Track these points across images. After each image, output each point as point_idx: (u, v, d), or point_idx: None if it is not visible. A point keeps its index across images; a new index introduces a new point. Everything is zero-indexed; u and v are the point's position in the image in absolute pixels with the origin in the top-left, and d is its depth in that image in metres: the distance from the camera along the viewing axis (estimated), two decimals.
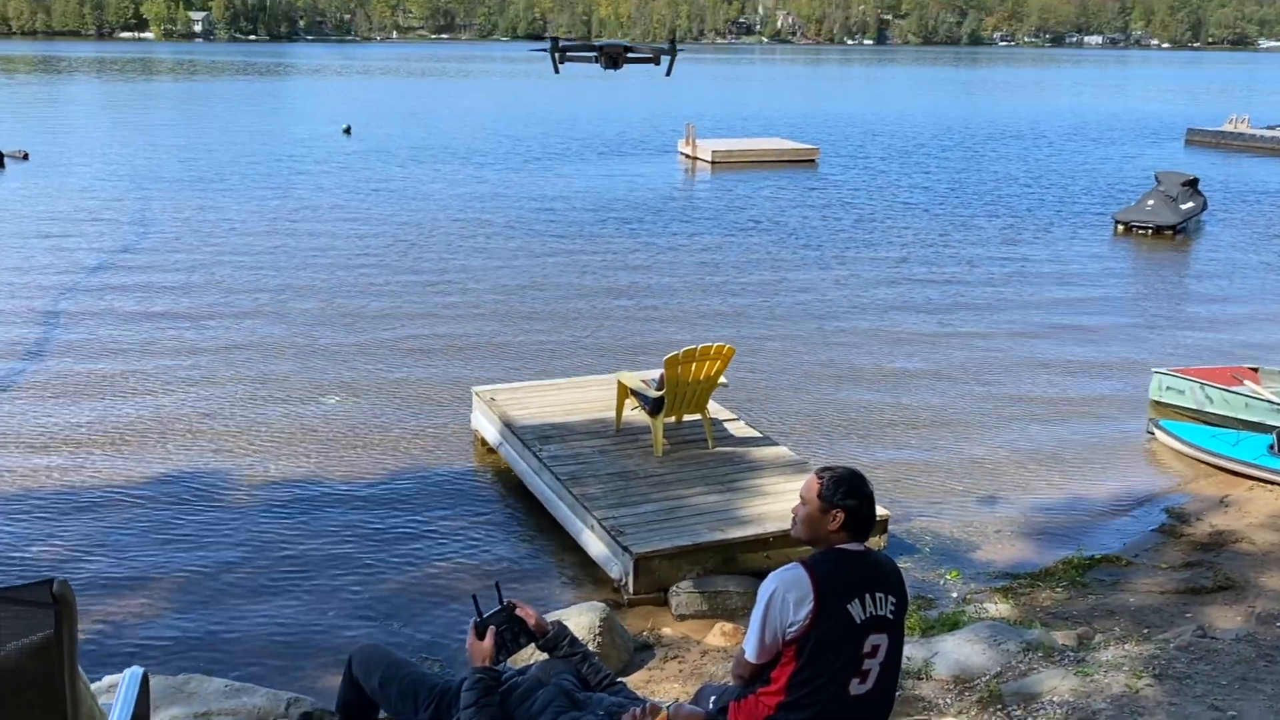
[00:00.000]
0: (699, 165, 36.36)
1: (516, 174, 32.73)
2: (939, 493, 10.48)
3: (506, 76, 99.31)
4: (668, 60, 16.77)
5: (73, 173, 31.33)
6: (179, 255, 20.46)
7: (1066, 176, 34.21)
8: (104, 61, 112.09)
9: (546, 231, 23.55)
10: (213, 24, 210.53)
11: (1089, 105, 70.69)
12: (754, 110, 61.32)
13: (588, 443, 9.92)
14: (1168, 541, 9.49)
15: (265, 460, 10.94)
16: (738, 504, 8.70)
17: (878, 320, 16.85)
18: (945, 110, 64.01)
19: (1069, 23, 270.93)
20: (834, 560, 3.68)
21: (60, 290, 17.73)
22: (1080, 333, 16.47)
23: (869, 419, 12.54)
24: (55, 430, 11.63)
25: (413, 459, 11.09)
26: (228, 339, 15.12)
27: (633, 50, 17.00)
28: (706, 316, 16.85)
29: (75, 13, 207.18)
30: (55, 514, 9.60)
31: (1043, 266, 21.03)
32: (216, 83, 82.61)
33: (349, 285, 18.39)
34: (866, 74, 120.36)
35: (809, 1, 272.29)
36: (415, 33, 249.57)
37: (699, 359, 9.59)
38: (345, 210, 25.71)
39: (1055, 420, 12.64)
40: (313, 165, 33.69)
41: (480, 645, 3.98)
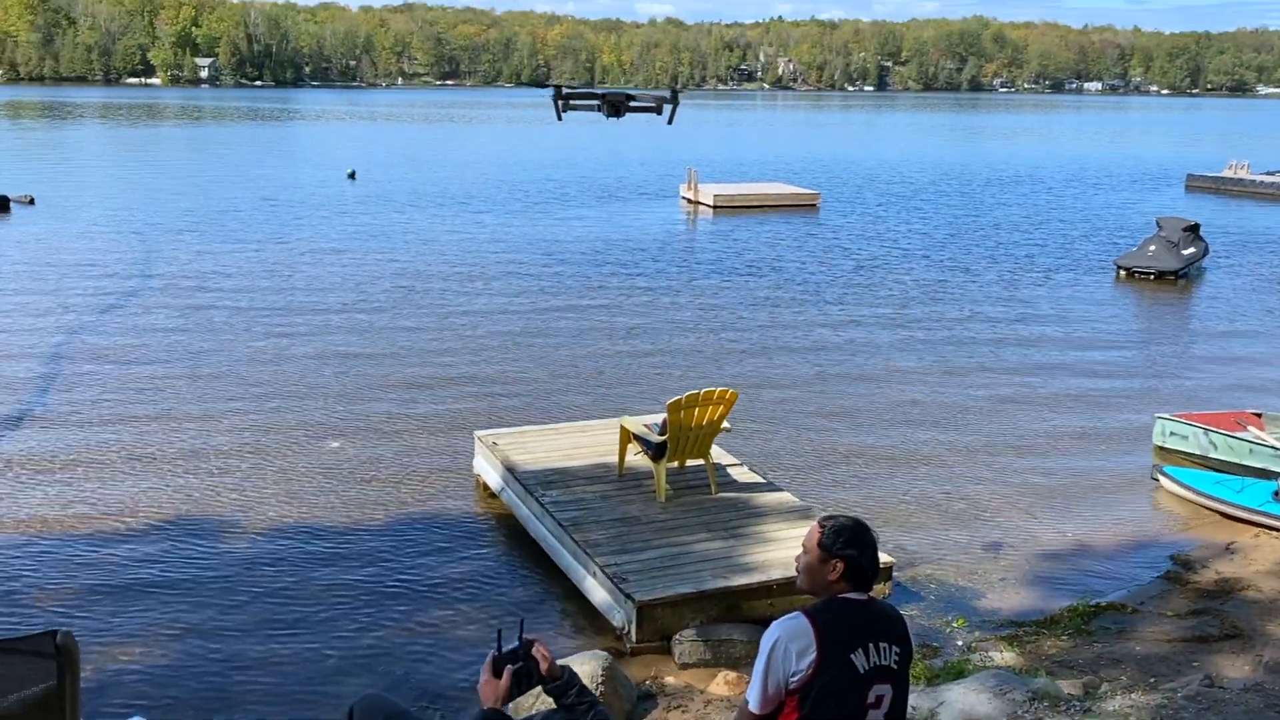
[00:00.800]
0: (701, 210, 36.53)
1: (519, 219, 32.89)
2: (943, 540, 10.43)
3: (509, 123, 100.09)
4: (670, 109, 16.71)
5: (78, 217, 31.51)
6: (181, 300, 20.52)
7: (1067, 222, 34.35)
8: (110, 107, 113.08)
9: (549, 276, 23.62)
10: (219, 70, 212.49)
11: (1089, 151, 71.12)
12: (755, 155, 61.70)
13: (590, 488, 9.89)
14: (1173, 589, 9.43)
15: (267, 506, 10.91)
16: (741, 551, 8.66)
17: (881, 366, 16.86)
18: (946, 155, 64.40)
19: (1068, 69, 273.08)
20: (837, 609, 3.66)
21: (62, 335, 17.77)
22: (1083, 378, 16.46)
23: (873, 465, 12.52)
24: (56, 478, 11.61)
25: (414, 504, 11.06)
26: (228, 384, 15.13)
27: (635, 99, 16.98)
28: (709, 361, 16.85)
29: (83, 59, 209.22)
30: (56, 562, 9.56)
31: (1045, 312, 21.07)
32: (222, 128, 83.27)
33: (350, 330, 18.43)
34: (867, 120, 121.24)
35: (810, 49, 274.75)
36: (420, 79, 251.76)
37: (702, 404, 9.58)
38: (349, 255, 25.81)
39: (1059, 466, 12.61)
40: (317, 210, 33.87)
41: (495, 684, 3.86)
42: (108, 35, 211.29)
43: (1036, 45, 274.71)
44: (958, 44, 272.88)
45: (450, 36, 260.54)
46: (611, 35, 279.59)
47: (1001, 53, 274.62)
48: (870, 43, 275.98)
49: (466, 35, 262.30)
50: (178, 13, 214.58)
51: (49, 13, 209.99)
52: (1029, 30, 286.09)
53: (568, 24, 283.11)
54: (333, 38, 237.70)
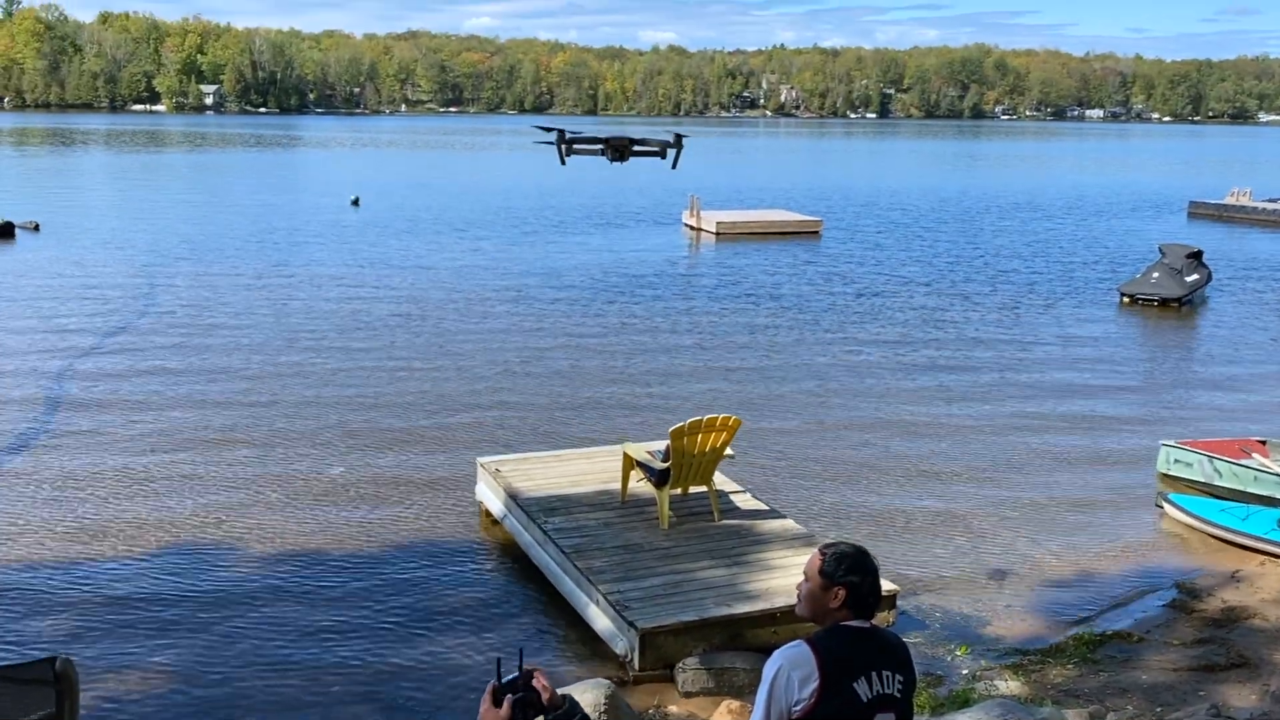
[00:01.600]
0: (703, 237, 36.61)
1: (521, 245, 32.97)
2: (947, 567, 10.38)
3: (512, 149, 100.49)
4: (674, 153, 16.87)
5: (82, 243, 31.62)
6: (183, 326, 20.55)
7: (1070, 249, 34.40)
8: (115, 134, 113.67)
9: (551, 302, 23.65)
10: (224, 97, 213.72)
11: (1091, 178, 71.29)
12: (758, 182, 61.90)
13: (593, 515, 9.87)
14: (1179, 617, 9.38)
15: (268, 533, 10.88)
16: (745, 578, 8.63)
17: (884, 394, 16.84)
18: (948, 182, 64.58)
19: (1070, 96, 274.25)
20: (840, 637, 3.64)
21: (65, 360, 17.79)
22: (1087, 404, 16.43)
23: (876, 492, 12.48)
24: (56, 503, 11.60)
25: (417, 531, 11.03)
26: (230, 410, 15.13)
27: (639, 144, 17.13)
28: (711, 387, 16.84)
29: (88, 86, 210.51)
30: (56, 588, 9.54)
31: (1048, 338, 21.06)
32: (227, 155, 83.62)
33: (353, 356, 18.43)
34: (869, 147, 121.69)
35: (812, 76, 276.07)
36: (424, 106, 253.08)
37: (705, 430, 9.56)
38: (351, 282, 25.86)
39: (1063, 494, 12.56)
40: (320, 237, 33.97)
41: (495, 713, 3.85)
42: (113, 63, 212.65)
43: (1038, 73, 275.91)
44: (960, 71, 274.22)
45: (454, 64, 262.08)
46: (614, 63, 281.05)
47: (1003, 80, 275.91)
48: (872, 70, 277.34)
49: (470, 63, 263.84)
50: (183, 40, 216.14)
51: (55, 40, 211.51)
52: (1030, 58, 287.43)
53: (571, 51, 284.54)
54: (337, 65, 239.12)
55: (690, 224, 38.68)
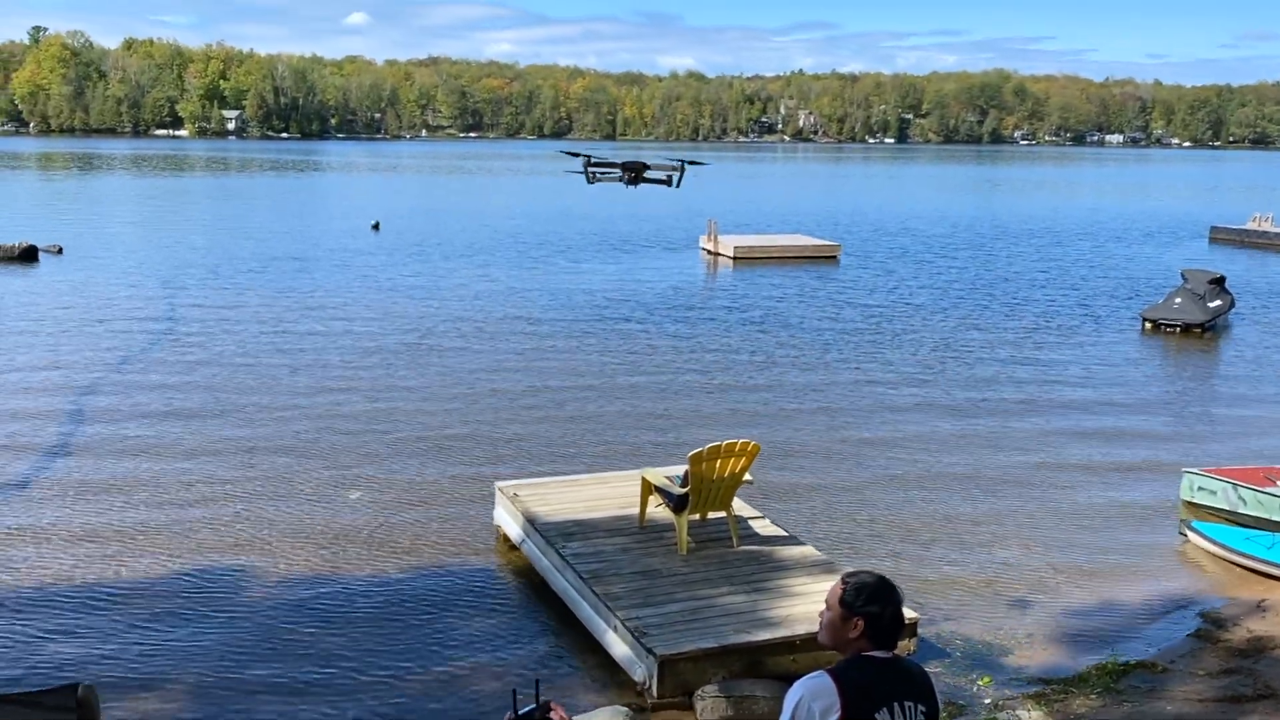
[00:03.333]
0: (721, 261, 36.62)
1: (539, 270, 33.05)
2: (968, 595, 10.30)
3: (531, 174, 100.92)
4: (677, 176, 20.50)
5: (104, 267, 31.88)
6: (204, 350, 20.66)
7: (1091, 274, 34.26)
8: (138, 158, 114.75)
9: (569, 326, 23.68)
10: (245, 122, 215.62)
11: (1111, 203, 71.08)
12: (776, 207, 61.95)
13: (611, 540, 9.83)
14: (1204, 647, 9.27)
15: (287, 557, 10.89)
16: (764, 605, 8.57)
17: (903, 419, 16.76)
18: (967, 208, 64.49)
19: (1089, 122, 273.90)
20: (861, 667, 3.61)
21: (87, 383, 17.90)
22: (1109, 432, 16.31)
23: (895, 518, 12.40)
24: (77, 527, 11.64)
25: (435, 555, 11.02)
26: (250, 434, 15.17)
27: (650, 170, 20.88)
28: (730, 412, 16.80)
29: (112, 111, 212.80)
30: (76, 612, 9.56)
31: (1070, 363, 20.94)
32: (248, 179, 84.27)
33: (372, 380, 18.48)
34: (888, 171, 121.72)
35: (830, 101, 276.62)
36: (444, 131, 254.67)
37: (724, 455, 9.53)
38: (370, 306, 25.97)
39: (1085, 521, 12.46)
40: (341, 261, 34.15)
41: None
42: (137, 88, 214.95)
43: (1057, 98, 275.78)
44: (978, 97, 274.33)
45: (474, 90, 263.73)
46: (633, 88, 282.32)
47: (1022, 105, 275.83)
48: (891, 95, 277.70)
49: (490, 89, 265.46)
50: (206, 66, 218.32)
51: (81, 66, 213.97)
52: (1050, 83, 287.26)
53: (590, 77, 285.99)
54: (358, 90, 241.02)
55: (708, 248, 38.71)
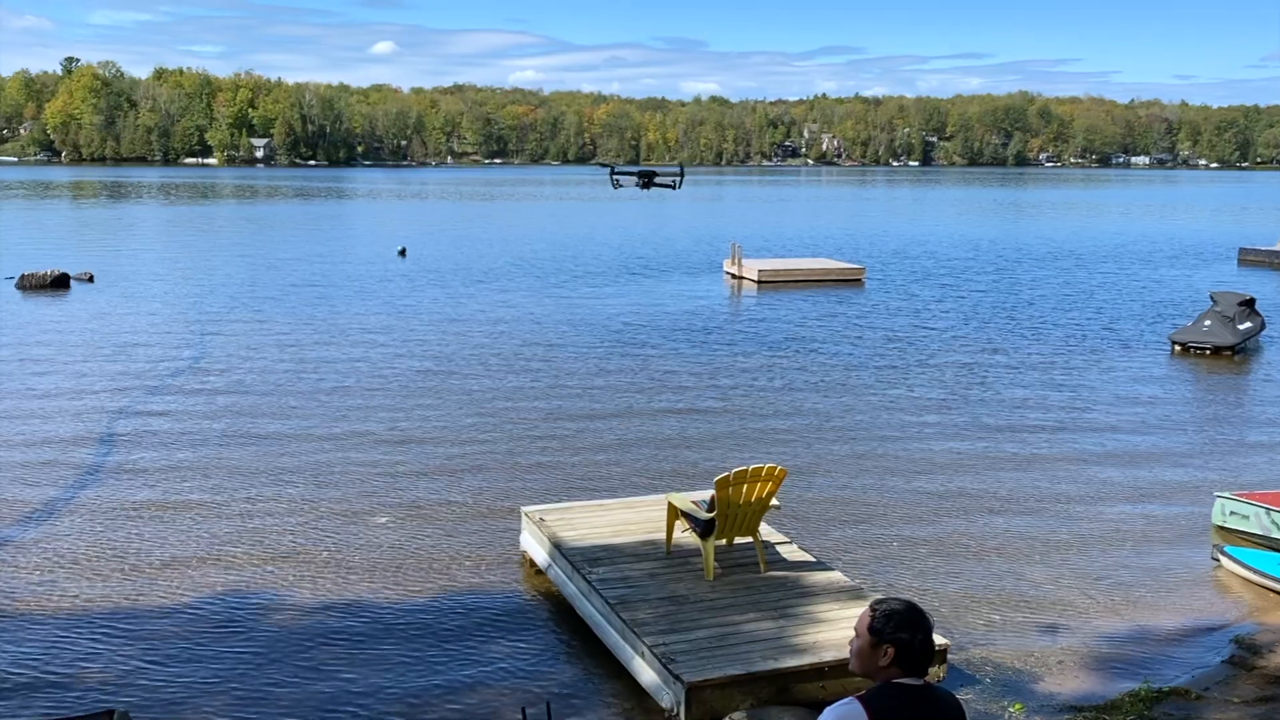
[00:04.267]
0: (745, 285, 36.61)
1: (564, 293, 33.14)
2: (998, 621, 10.20)
3: (556, 200, 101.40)
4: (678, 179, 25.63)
5: (135, 294, 32.19)
6: (233, 375, 20.80)
7: (1119, 297, 34.04)
8: (168, 186, 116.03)
9: (594, 350, 23.71)
10: (274, 150, 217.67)
11: (1138, 225, 70.70)
12: (800, 230, 61.94)
13: (637, 565, 9.81)
14: (1239, 674, 9.14)
15: (315, 580, 10.92)
16: (792, 631, 8.52)
17: (930, 443, 16.66)
18: (992, 231, 64.27)
19: (1115, 143, 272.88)
20: (892, 695, 3.58)
21: (116, 409, 18.05)
22: (1139, 455, 16.16)
23: (924, 544, 12.31)
24: (109, 550, 11.71)
25: (461, 580, 11.01)
26: (278, 458, 15.25)
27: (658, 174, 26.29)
28: (756, 437, 16.76)
29: (143, 140, 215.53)
30: (108, 637, 9.61)
31: (1099, 386, 20.78)
32: (276, 206, 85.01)
33: (399, 403, 18.55)
34: (912, 194, 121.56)
35: (854, 125, 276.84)
36: (469, 158, 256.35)
37: (750, 480, 9.50)
38: (398, 330, 26.10)
39: (1116, 546, 12.33)
40: (368, 286, 34.36)
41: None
42: (167, 117, 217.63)
43: (1082, 120, 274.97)
44: (1003, 119, 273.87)
45: (499, 117, 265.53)
46: (656, 114, 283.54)
47: (1047, 128, 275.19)
48: (914, 119, 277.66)
49: (515, 115, 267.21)
50: (235, 95, 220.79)
51: (112, 96, 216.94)
52: (1074, 105, 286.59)
53: (614, 103, 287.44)
54: (384, 118, 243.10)
55: (731, 272, 38.71)
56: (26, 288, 32.70)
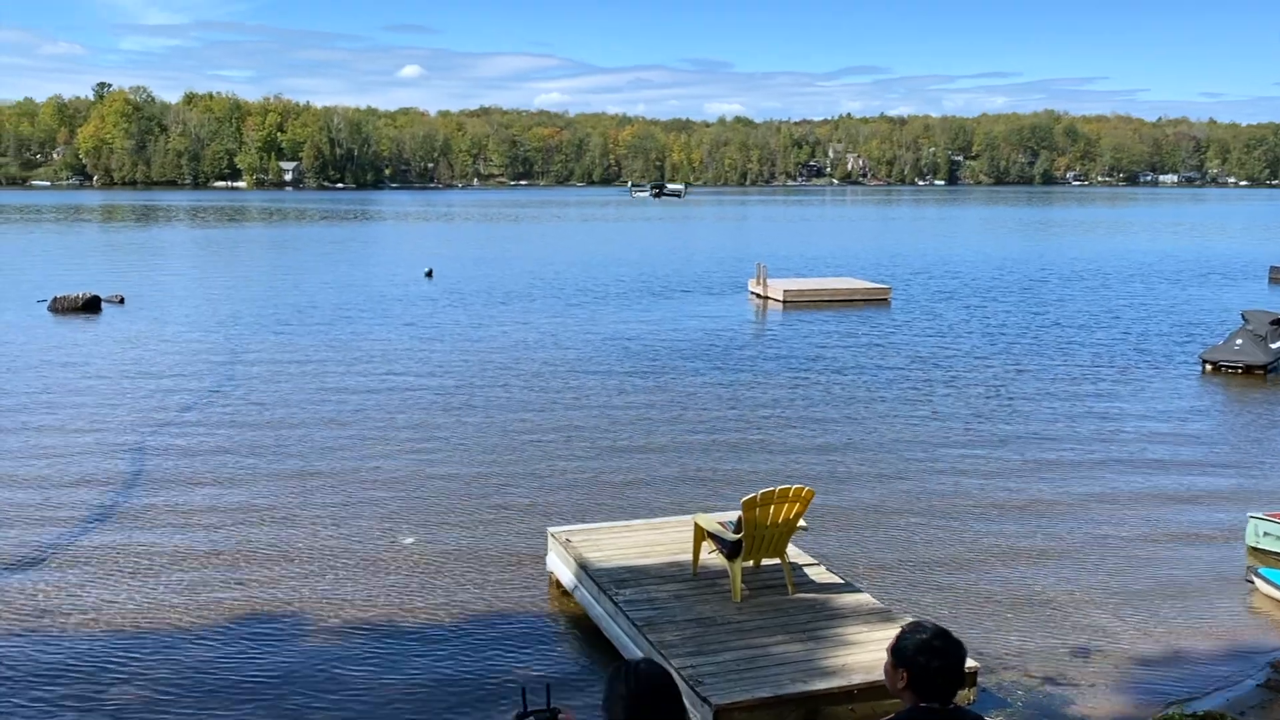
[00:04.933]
0: (770, 304, 36.57)
1: (589, 314, 33.20)
2: (1029, 643, 10.10)
3: (581, 220, 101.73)
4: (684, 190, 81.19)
5: (165, 316, 32.49)
6: (261, 397, 20.93)
7: (1147, 316, 33.79)
8: (198, 209, 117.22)
9: (619, 370, 23.71)
10: (302, 173, 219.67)
11: (1166, 244, 70.23)
12: (825, 250, 61.86)
13: (664, 587, 9.78)
14: (1275, 698, 9.01)
15: (340, 603, 10.94)
16: (821, 653, 8.46)
17: (959, 463, 16.55)
18: (1019, 249, 64.00)
19: (1143, 162, 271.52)
20: (919, 719, 3.55)
21: (147, 430, 18.18)
22: (1170, 474, 15.99)
23: (953, 565, 12.22)
24: (131, 573, 11.78)
25: (487, 602, 11.01)
26: (305, 479, 15.31)
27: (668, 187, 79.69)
28: (781, 457, 16.70)
29: (173, 164, 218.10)
30: (137, 660, 9.65)
31: (1129, 406, 20.60)
32: (305, 229, 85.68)
33: (426, 425, 18.60)
34: (939, 214, 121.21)
35: (879, 144, 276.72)
36: (495, 180, 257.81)
37: (777, 501, 9.46)
38: (424, 352, 26.21)
39: (1147, 567, 12.19)
40: (395, 308, 34.55)
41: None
42: (197, 141, 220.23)
43: (1110, 138, 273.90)
44: (1029, 138, 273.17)
45: (524, 139, 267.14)
46: (681, 135, 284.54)
47: (1074, 146, 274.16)
48: (940, 138, 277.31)
49: (540, 137, 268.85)
50: (264, 119, 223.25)
51: (143, 121, 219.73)
52: (1101, 124, 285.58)
53: (638, 125, 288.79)
54: (412, 141, 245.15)
55: (756, 292, 38.68)
56: (59, 310, 33.06)
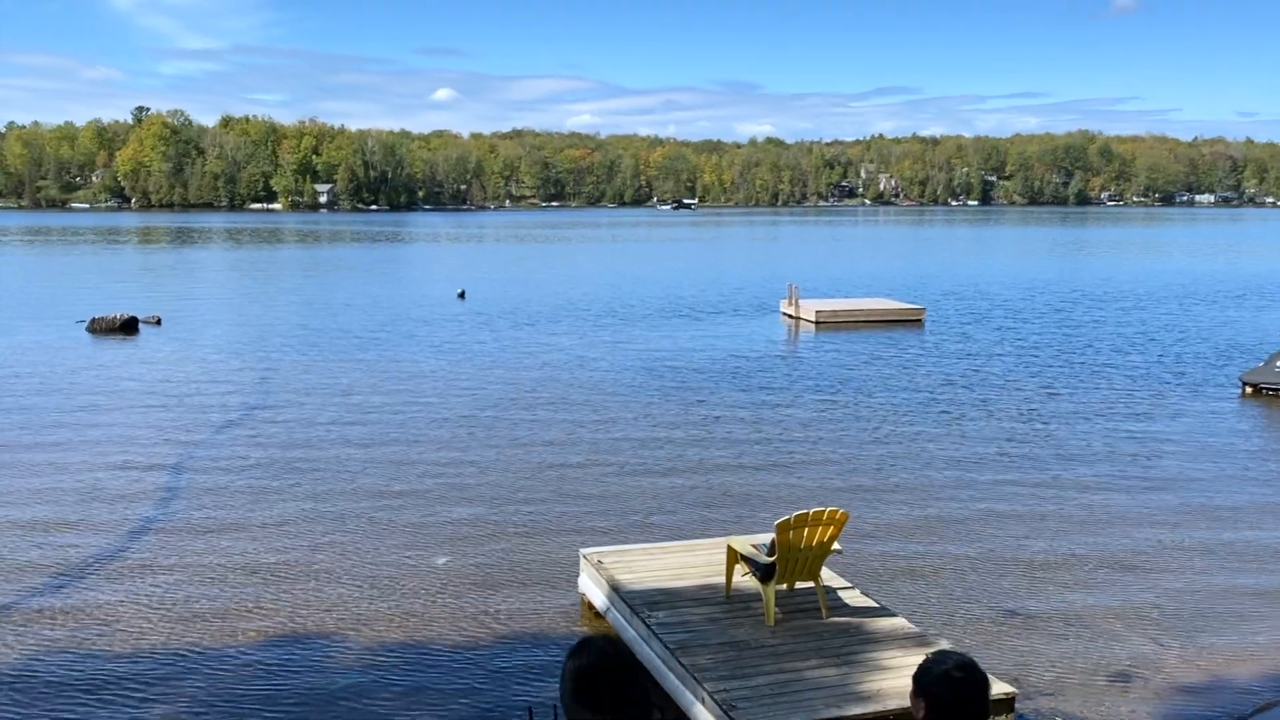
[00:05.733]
0: (802, 325, 36.44)
1: (620, 334, 33.20)
2: (1067, 669, 9.95)
3: (611, 241, 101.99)
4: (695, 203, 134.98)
5: (202, 337, 32.79)
6: (296, 416, 21.05)
7: (1184, 338, 33.40)
8: (234, 231, 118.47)
9: (649, 391, 23.68)
10: (336, 195, 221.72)
11: (1203, 265, 69.53)
12: (857, 271, 61.65)
13: (697, 610, 9.70)
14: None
15: (373, 623, 10.94)
16: (855, 678, 8.36)
17: (994, 488, 16.38)
18: (1054, 270, 63.55)
19: (1179, 182, 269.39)
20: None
21: (183, 449, 18.32)
22: (1211, 498, 15.73)
23: (989, 589, 12.07)
24: (168, 590, 11.84)
25: (520, 623, 10.98)
26: (339, 499, 15.35)
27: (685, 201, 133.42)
28: (814, 479, 16.59)
29: (210, 186, 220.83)
30: (167, 676, 9.69)
31: (1167, 427, 20.32)
32: (339, 250, 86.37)
33: (459, 445, 18.62)
34: (972, 234, 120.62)
35: (911, 165, 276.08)
36: (527, 201, 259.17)
37: (811, 524, 9.38)
38: (457, 372, 26.28)
39: (1189, 591, 11.99)
40: (428, 328, 34.71)
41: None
42: (233, 164, 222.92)
43: (1144, 158, 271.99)
44: (1063, 158, 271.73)
45: (556, 160, 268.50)
46: (712, 156, 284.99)
47: (1108, 166, 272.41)
48: (973, 158, 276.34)
49: (572, 159, 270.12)
50: (299, 142, 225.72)
51: (180, 144, 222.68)
52: (1136, 144, 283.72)
53: (669, 146, 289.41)
54: (445, 163, 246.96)
55: (788, 313, 38.58)
56: (97, 331, 33.45)
